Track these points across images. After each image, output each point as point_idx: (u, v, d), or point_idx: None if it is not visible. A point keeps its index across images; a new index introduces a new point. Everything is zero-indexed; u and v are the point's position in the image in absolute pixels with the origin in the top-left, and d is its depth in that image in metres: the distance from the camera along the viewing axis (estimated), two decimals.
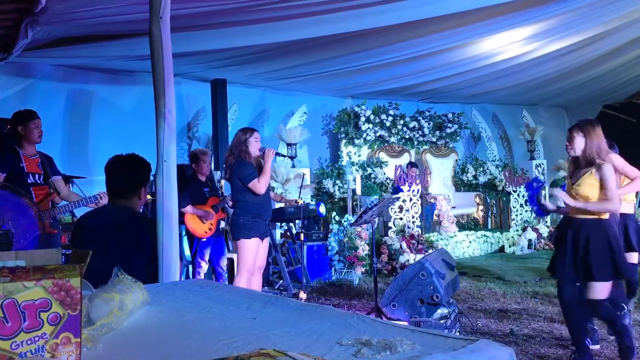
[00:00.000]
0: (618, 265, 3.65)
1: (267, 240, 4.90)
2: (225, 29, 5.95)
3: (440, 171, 10.92)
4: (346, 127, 9.86)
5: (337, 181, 9.35)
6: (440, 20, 6.07)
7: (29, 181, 4.25)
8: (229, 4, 5.19)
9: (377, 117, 9.98)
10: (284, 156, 6.29)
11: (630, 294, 4.72)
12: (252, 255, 4.65)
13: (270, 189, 5.08)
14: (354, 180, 8.86)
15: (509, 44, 7.36)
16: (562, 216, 4.10)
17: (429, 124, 10.64)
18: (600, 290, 3.64)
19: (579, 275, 3.71)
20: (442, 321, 4.35)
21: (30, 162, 4.32)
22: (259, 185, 4.58)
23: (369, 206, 5.16)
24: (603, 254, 3.63)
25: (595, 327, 4.31)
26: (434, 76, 8.80)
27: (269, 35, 6.20)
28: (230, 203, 5.62)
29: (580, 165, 3.77)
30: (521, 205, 10.28)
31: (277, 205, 6.69)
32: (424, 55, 7.50)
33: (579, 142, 3.72)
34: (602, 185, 3.65)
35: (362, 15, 5.72)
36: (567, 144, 3.80)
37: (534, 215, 4.03)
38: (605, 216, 3.72)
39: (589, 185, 3.69)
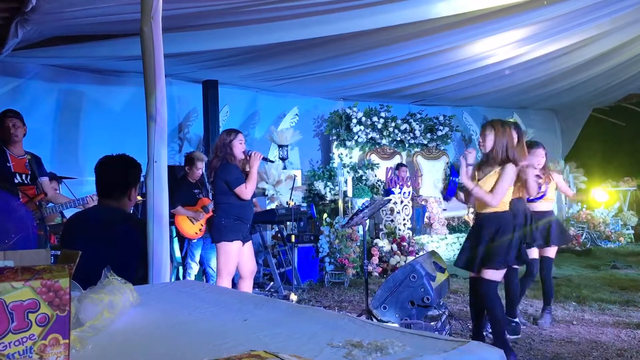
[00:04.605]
0: (508, 253, 3.74)
1: (249, 244, 4.79)
2: (217, 30, 5.94)
3: (432, 174, 10.94)
4: (338, 129, 9.86)
5: (329, 183, 9.35)
6: (432, 22, 6.09)
7: (16, 181, 4.21)
8: (221, 4, 5.19)
9: (369, 119, 9.99)
10: (271, 161, 6.26)
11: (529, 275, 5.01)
12: (233, 258, 4.57)
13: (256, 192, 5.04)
14: (345, 182, 8.87)
15: (500, 47, 7.39)
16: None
17: (420, 126, 10.66)
18: (491, 274, 3.77)
19: (476, 264, 3.81)
20: (432, 323, 4.35)
21: (17, 162, 4.28)
22: (246, 191, 4.52)
23: (360, 208, 5.16)
24: (496, 243, 3.72)
25: (517, 321, 4.60)
26: (426, 79, 8.83)
27: (261, 37, 6.20)
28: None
29: (489, 162, 3.83)
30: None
31: (268, 207, 6.69)
32: (416, 58, 7.52)
33: (489, 140, 3.80)
34: (497, 180, 3.73)
35: (354, 17, 5.73)
36: (480, 140, 3.89)
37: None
38: (504, 208, 3.79)
39: (489, 184, 3.76)
